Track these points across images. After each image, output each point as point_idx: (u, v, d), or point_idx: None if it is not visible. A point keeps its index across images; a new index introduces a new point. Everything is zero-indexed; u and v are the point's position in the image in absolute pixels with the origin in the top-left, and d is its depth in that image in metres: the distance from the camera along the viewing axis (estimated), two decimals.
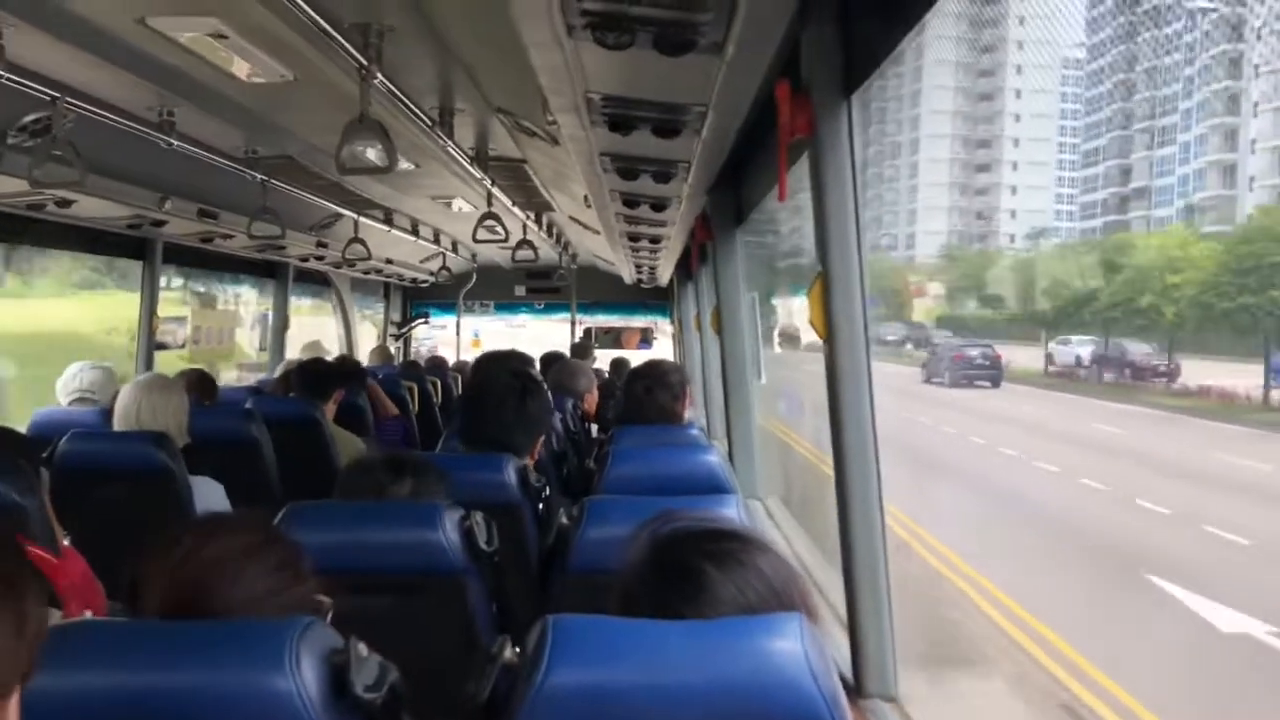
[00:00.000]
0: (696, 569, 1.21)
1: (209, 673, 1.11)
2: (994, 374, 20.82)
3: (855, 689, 1.81)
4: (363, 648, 1.16)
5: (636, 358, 8.32)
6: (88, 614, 1.87)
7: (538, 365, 5.34)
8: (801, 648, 1.09)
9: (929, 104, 34.37)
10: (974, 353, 21.54)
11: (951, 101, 34.29)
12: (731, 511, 2.00)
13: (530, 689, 1.07)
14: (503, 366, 3.56)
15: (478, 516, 1.97)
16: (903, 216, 35.46)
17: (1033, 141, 32.97)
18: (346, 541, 1.91)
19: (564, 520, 2.21)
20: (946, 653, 6.45)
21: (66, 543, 2.31)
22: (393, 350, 9.17)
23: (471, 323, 10.50)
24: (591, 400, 4.97)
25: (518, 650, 1.17)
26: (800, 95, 1.80)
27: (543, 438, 2.95)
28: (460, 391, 6.97)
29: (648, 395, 3.36)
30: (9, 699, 0.84)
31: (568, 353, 6.99)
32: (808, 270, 1.97)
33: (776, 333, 7.52)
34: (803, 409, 6.78)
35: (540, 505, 2.54)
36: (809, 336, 2.14)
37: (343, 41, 2.52)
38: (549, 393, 3.03)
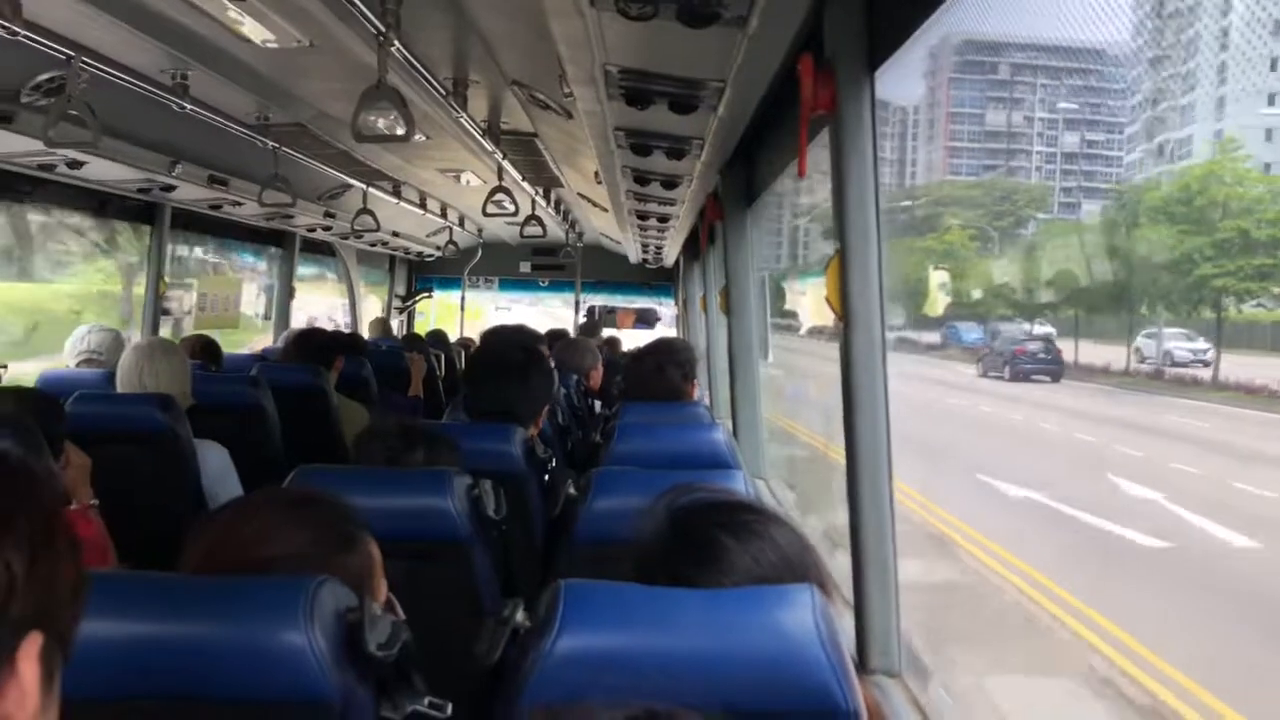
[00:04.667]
0: (712, 539, 1.22)
1: (222, 627, 1.11)
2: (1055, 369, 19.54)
3: (860, 664, 1.82)
4: (376, 606, 1.16)
5: (630, 338, 8.33)
6: None
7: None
8: (813, 618, 1.09)
9: None
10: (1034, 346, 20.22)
11: None
12: (738, 487, 2.00)
13: (541, 652, 1.08)
14: (509, 340, 3.57)
15: (486, 484, 1.97)
16: None
17: None
18: (355, 506, 1.90)
19: (571, 491, 2.21)
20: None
21: (95, 503, 2.32)
22: (395, 324, 9.16)
23: (489, 300, 10.43)
24: (596, 376, 5.01)
25: (529, 613, 1.17)
26: (823, 70, 1.79)
27: (546, 410, 2.95)
28: (464, 365, 6.98)
29: (658, 372, 3.31)
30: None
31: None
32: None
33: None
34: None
35: (545, 476, 2.54)
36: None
37: (361, 6, 2.50)
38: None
